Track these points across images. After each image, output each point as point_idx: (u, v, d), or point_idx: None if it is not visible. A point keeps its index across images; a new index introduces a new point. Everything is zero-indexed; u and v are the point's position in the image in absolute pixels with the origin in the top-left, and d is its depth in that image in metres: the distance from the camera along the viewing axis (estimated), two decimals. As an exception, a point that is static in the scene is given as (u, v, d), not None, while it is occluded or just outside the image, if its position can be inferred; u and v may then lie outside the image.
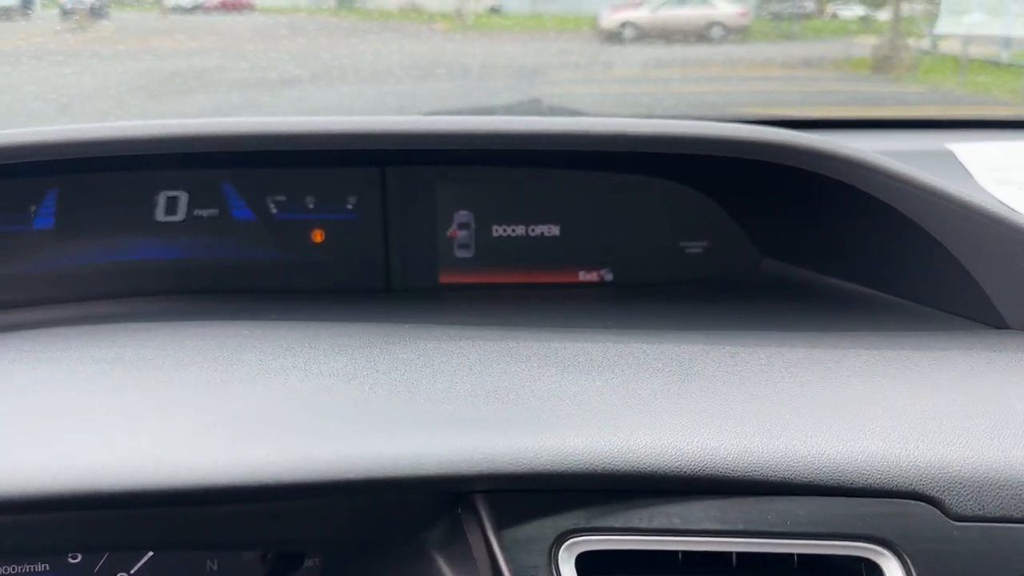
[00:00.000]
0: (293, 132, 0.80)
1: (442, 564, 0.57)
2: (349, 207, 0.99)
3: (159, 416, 0.54)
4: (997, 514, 0.53)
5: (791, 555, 0.54)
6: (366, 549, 0.59)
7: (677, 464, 0.54)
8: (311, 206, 0.98)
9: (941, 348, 0.73)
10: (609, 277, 1.00)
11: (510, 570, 0.53)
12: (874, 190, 0.80)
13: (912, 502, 0.54)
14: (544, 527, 0.54)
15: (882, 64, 1.99)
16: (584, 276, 1.00)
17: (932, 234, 0.80)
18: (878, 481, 0.54)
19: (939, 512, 0.54)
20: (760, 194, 0.95)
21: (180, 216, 0.95)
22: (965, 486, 0.54)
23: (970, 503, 0.54)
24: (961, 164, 1.06)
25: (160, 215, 0.95)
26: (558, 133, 0.80)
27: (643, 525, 0.54)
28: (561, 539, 0.54)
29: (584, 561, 0.54)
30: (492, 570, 0.54)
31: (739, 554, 0.55)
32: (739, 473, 0.54)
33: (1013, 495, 0.54)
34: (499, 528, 0.54)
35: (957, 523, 0.53)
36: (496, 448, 0.54)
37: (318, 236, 0.99)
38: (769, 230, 1.00)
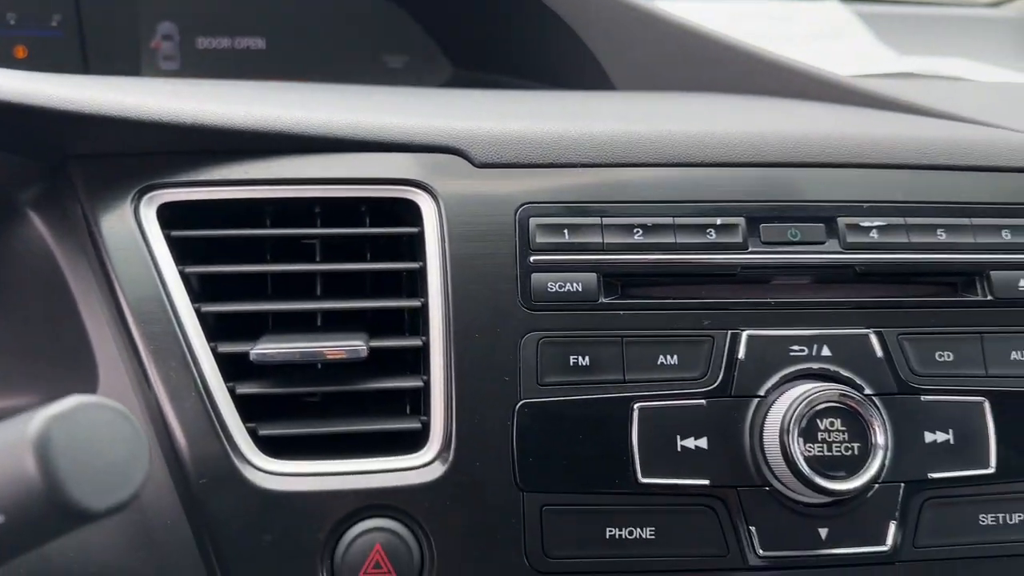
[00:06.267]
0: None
1: (38, 223, 0.64)
2: (53, 24, 1.02)
3: None
4: (515, 162, 0.65)
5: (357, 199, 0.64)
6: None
7: (244, 121, 0.63)
8: (12, 23, 1.01)
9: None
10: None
11: (95, 222, 0.61)
12: None
13: (444, 155, 0.65)
14: (129, 183, 0.62)
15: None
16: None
17: (572, 27, 0.93)
18: (416, 138, 0.65)
19: (467, 161, 0.65)
20: (448, 6, 1.06)
21: None
22: (491, 142, 0.66)
23: (493, 153, 0.65)
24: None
25: None
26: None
27: (221, 178, 0.63)
28: (142, 192, 0.62)
29: (172, 215, 0.62)
30: (85, 225, 0.61)
31: (319, 199, 0.64)
32: (294, 130, 0.64)
33: (527, 145, 0.66)
34: (89, 188, 0.62)
35: (482, 169, 0.65)
36: (84, 97, 0.60)
37: (20, 52, 1.02)
38: (459, 42, 1.10)
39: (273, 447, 0.60)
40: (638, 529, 0.60)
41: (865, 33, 1.49)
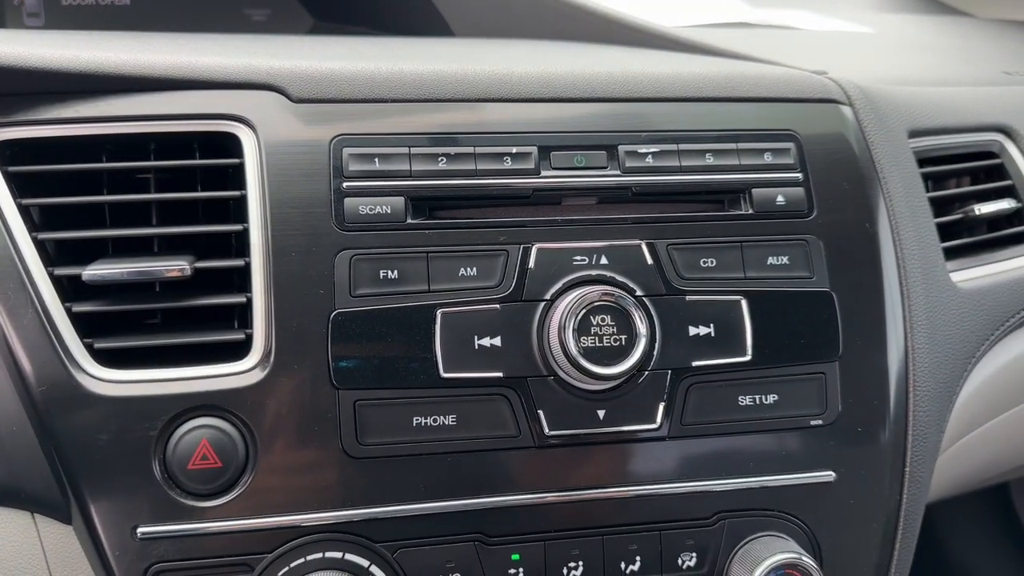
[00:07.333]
0: None
1: None
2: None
3: None
4: (329, 97, 0.73)
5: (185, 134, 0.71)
6: None
7: (70, 64, 0.68)
8: None
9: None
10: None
11: None
12: None
13: (264, 92, 0.72)
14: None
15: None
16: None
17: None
18: (236, 76, 0.72)
19: (284, 97, 0.72)
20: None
21: None
22: (307, 79, 0.73)
23: (309, 90, 0.72)
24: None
25: None
26: None
27: (56, 117, 0.68)
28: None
29: (16, 154, 0.68)
30: None
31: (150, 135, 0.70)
32: (119, 71, 0.69)
33: (341, 82, 0.73)
34: None
35: (299, 104, 0.72)
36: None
37: None
38: (317, -4, 1.16)
39: (115, 360, 0.67)
40: (441, 417, 0.69)
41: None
